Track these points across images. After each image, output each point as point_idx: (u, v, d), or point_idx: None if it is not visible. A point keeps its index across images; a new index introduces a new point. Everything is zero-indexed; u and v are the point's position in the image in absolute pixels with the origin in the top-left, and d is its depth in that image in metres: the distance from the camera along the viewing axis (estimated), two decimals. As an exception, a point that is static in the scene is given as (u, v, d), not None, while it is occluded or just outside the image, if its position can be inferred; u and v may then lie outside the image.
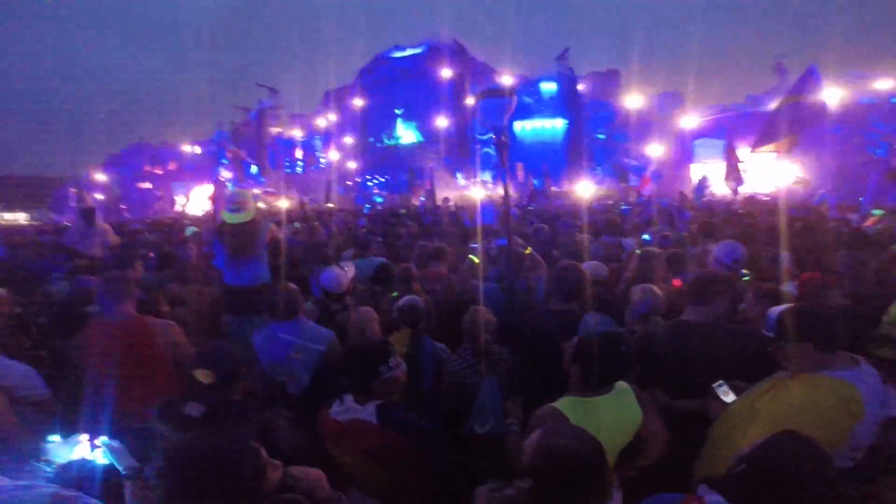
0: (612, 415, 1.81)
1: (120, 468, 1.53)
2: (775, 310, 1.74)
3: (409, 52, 30.14)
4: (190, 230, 7.63)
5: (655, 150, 21.06)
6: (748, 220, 6.85)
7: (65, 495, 1.24)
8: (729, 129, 25.25)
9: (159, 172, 33.82)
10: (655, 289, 2.80)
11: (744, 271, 3.32)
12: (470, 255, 3.67)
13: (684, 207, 9.41)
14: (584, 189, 17.15)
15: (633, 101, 25.94)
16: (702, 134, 23.86)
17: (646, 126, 25.49)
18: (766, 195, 13.16)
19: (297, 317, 2.69)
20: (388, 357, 1.99)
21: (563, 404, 1.81)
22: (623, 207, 10.73)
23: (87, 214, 6.81)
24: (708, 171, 18.47)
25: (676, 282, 3.43)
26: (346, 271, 3.12)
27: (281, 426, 2.05)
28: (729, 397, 1.82)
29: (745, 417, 1.68)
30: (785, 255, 3.77)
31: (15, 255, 9.47)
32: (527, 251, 3.53)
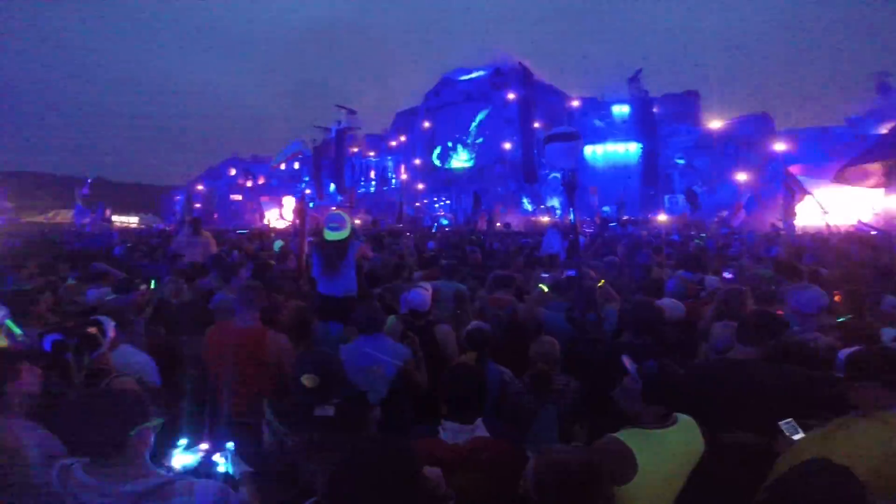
0: (677, 447, 1.82)
1: (235, 474, 1.70)
2: (845, 351, 1.77)
3: (473, 74, 30.69)
4: (277, 244, 8.35)
5: (742, 175, 19.72)
6: (845, 260, 6.31)
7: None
8: (828, 154, 23.15)
9: (249, 185, 36.98)
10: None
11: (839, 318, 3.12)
12: (540, 284, 3.77)
13: (774, 241, 8.80)
14: (661, 217, 16.49)
15: (714, 123, 24.61)
16: (795, 159, 22.04)
17: (729, 150, 24.01)
18: (869, 226, 11.90)
19: (379, 332, 2.95)
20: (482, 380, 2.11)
21: (626, 435, 1.81)
22: (705, 238, 10.17)
23: (195, 224, 7.71)
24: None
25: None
26: (429, 289, 3.37)
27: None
28: (797, 435, 1.81)
29: (808, 453, 1.65)
30: (891, 299, 3.49)
31: (131, 255, 10.90)
32: (599, 283, 3.57)
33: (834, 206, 12.29)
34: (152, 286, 3.95)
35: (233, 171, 38.86)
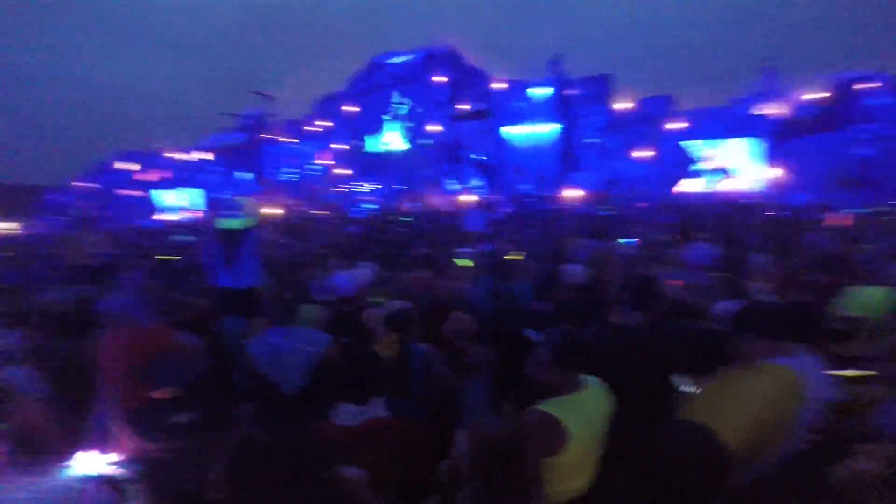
0: (595, 409, 1.90)
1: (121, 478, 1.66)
2: (726, 305, 1.89)
3: (404, 58, 30.29)
4: (180, 237, 7.70)
5: (643, 152, 21.36)
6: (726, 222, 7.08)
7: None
8: (715, 131, 25.76)
9: (143, 179, 33.61)
10: None
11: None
12: (457, 260, 3.79)
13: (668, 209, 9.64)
14: (571, 193, 17.51)
15: (623, 104, 26.30)
16: (690, 136, 24.29)
17: (636, 129, 25.85)
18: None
19: (290, 323, 2.83)
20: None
21: (549, 406, 1.83)
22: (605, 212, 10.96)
23: (83, 225, 6.89)
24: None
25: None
26: (360, 275, 3.27)
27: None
28: (690, 389, 1.96)
29: (702, 406, 1.83)
30: (759, 257, 3.93)
31: (10, 264, 9.53)
32: (518, 257, 3.66)
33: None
34: None
35: (127, 166, 35.01)
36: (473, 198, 17.51)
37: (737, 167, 25.58)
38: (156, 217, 23.71)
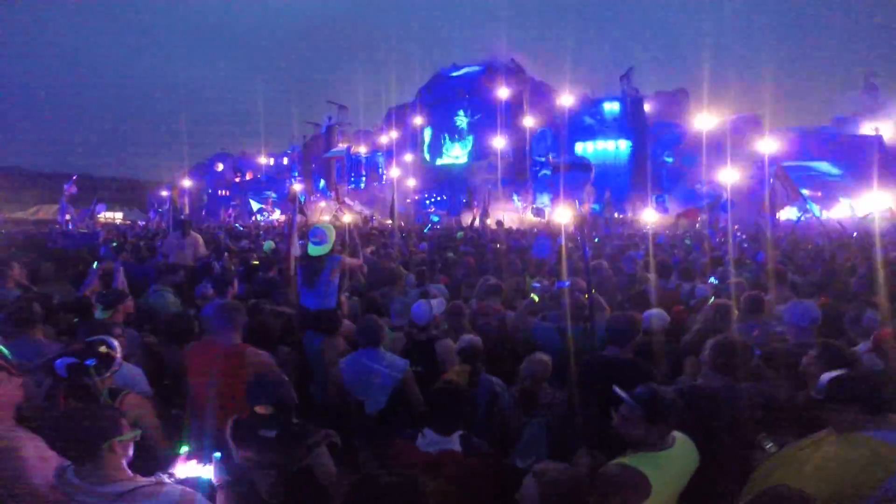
0: (681, 466, 1.91)
1: (215, 482, 1.86)
2: (826, 376, 1.83)
3: (465, 70, 30.64)
4: (268, 245, 8.32)
5: (730, 175, 19.87)
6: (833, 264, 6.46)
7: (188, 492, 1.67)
8: (815, 153, 23.47)
9: (238, 181, 36.63)
10: None
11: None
12: (532, 294, 3.83)
13: (760, 244, 8.92)
14: (649, 216, 16.61)
15: (704, 122, 24.80)
16: (782, 159, 22.38)
17: (719, 150, 24.26)
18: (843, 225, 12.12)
19: (377, 345, 3.03)
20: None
21: (636, 460, 1.83)
22: (689, 241, 10.26)
23: (184, 226, 7.65)
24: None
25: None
26: (435, 306, 3.43)
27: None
28: (773, 449, 1.92)
29: (782, 466, 1.80)
30: (871, 315, 3.52)
31: (116, 255, 10.76)
32: (586, 296, 3.62)
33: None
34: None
35: (220, 167, 38.43)
36: (541, 219, 17.20)
37: (842, 194, 23.15)
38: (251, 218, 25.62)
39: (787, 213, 13.07)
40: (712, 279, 5.23)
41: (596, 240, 10.18)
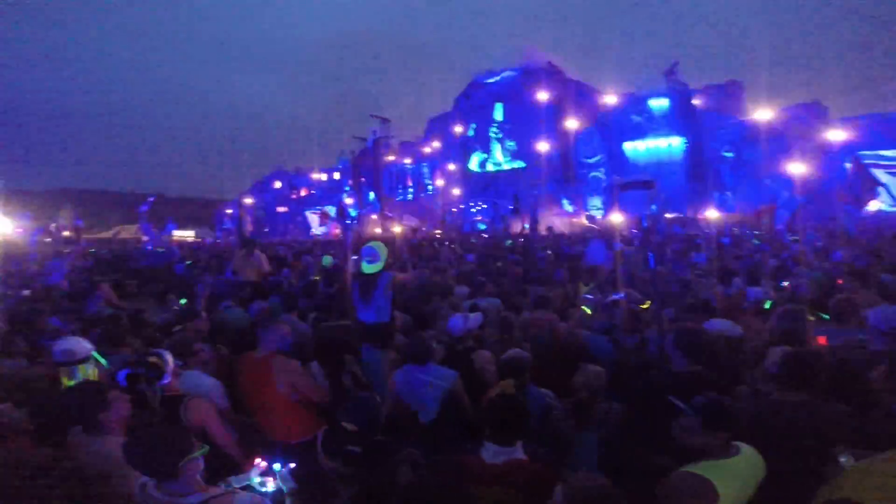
0: (747, 474, 1.90)
1: (286, 490, 2.02)
2: None
3: (502, 75, 30.36)
4: (327, 260, 8.71)
5: (797, 167, 18.47)
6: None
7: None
8: (890, 141, 21.29)
9: (294, 197, 38.43)
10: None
11: None
12: (583, 306, 3.80)
13: (836, 244, 8.25)
14: (711, 214, 15.72)
15: (762, 114, 23.23)
16: (854, 148, 20.51)
17: (781, 141, 22.62)
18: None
19: (426, 363, 3.16)
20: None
21: (702, 468, 1.85)
22: (757, 242, 9.61)
23: (248, 244, 8.15)
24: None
25: (822, 339, 3.18)
26: (471, 319, 3.50)
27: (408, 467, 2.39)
28: (849, 463, 1.83)
29: (852, 480, 1.72)
30: None
31: (192, 272, 11.66)
32: (644, 306, 3.56)
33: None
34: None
35: (278, 184, 40.51)
36: (592, 224, 16.74)
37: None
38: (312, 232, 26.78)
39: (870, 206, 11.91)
40: (785, 282, 4.92)
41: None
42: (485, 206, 28.27)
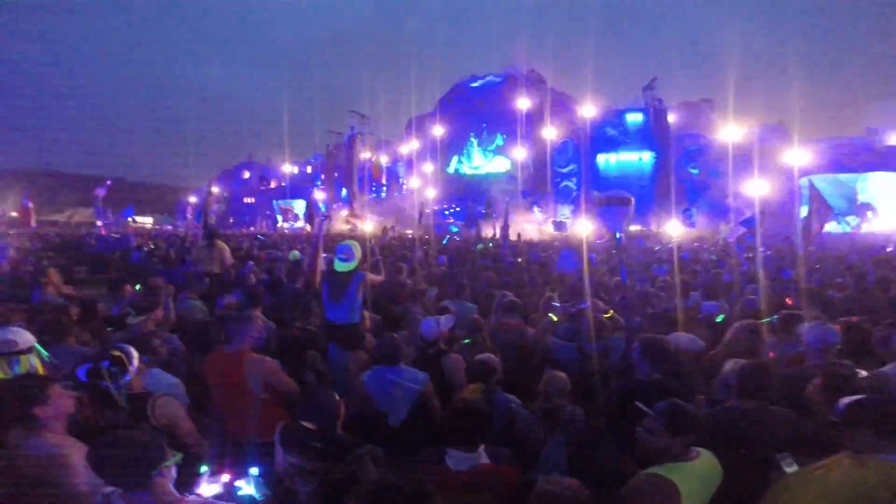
0: (706, 477, 2.00)
1: (258, 497, 1.93)
2: (844, 400, 1.87)
3: (485, 80, 30.71)
4: (293, 255, 8.51)
5: (759, 187, 19.36)
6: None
7: None
8: (845, 164, 22.70)
9: (263, 188, 37.48)
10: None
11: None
12: (550, 314, 3.85)
13: (786, 261, 8.69)
14: (674, 229, 16.30)
15: (730, 133, 24.28)
16: (812, 171, 21.69)
17: (746, 161, 23.69)
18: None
19: (397, 363, 3.13)
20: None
21: (665, 469, 1.92)
22: (714, 258, 10.02)
23: (210, 235, 7.86)
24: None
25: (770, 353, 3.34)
26: (442, 322, 3.52)
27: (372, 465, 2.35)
28: (791, 468, 1.95)
29: (791, 487, 1.88)
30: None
31: (149, 260, 11.15)
32: (607, 315, 3.63)
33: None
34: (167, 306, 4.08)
35: (247, 174, 39.41)
36: (562, 232, 17.04)
37: (880, 207, 22.20)
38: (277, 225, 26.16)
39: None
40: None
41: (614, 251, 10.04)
42: (458, 208, 28.40)
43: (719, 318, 4.27)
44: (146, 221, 39.68)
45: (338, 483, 2.07)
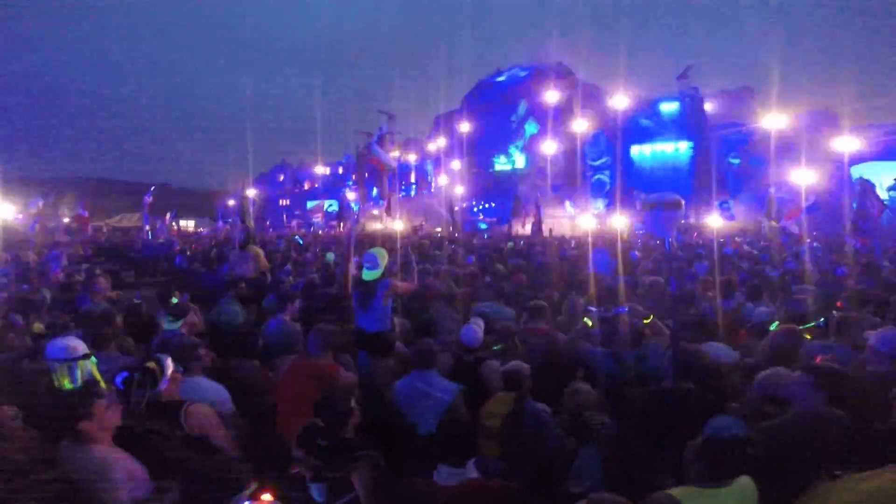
0: (738, 501, 1.87)
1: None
2: None
3: (510, 73, 30.25)
4: (329, 257, 8.67)
5: (805, 177, 18.30)
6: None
7: None
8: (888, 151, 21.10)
9: (297, 191, 38.44)
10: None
11: None
12: (585, 318, 3.74)
13: (840, 259, 8.14)
14: (714, 222, 15.60)
15: (773, 121, 23.00)
16: (863, 158, 20.32)
17: (790, 149, 22.40)
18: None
19: (431, 368, 3.13)
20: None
21: (680, 493, 1.84)
22: (761, 254, 9.48)
23: (243, 241, 8.09)
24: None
25: (818, 358, 3.13)
26: (481, 326, 3.48)
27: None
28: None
29: (825, 492, 1.79)
30: None
31: (191, 264, 11.60)
32: (647, 321, 3.50)
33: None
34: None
35: (281, 177, 40.50)
36: (597, 228, 16.58)
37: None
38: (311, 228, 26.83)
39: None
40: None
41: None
42: (488, 205, 28.22)
43: (773, 326, 4.01)
44: (189, 225, 41.35)
45: (331, 482, 2.10)
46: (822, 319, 3.56)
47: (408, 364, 3.34)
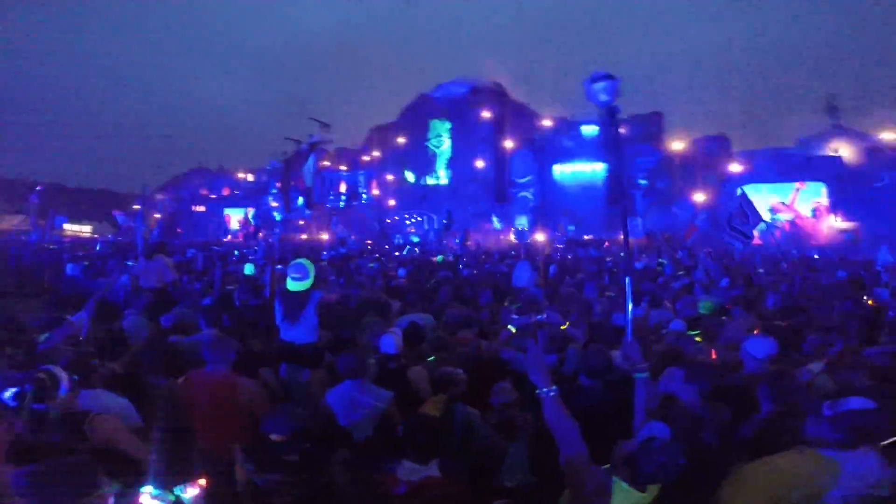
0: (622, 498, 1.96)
1: None
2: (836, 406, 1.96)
3: (450, 91, 30.99)
4: (249, 269, 8.23)
5: (700, 197, 20.64)
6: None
7: None
8: (780, 174, 24.47)
9: (214, 197, 35.99)
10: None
11: None
12: (509, 326, 3.93)
13: (726, 270, 9.24)
14: (624, 237, 16.94)
15: (676, 144, 25.70)
16: (750, 179, 23.27)
17: (690, 171, 25.13)
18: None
19: (364, 377, 3.12)
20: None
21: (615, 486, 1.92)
22: (663, 263, 10.52)
23: (149, 250, 7.51)
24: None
25: (713, 354, 3.55)
26: (398, 334, 3.58)
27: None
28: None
29: (749, 470, 1.97)
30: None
31: (86, 274, 10.42)
32: (563, 327, 3.75)
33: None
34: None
35: (197, 182, 37.76)
36: (516, 239, 17.36)
37: (803, 215, 24.14)
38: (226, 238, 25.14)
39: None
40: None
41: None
42: (419, 218, 28.39)
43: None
44: (84, 229, 37.11)
45: (318, 490, 2.14)
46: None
47: (336, 374, 3.28)
